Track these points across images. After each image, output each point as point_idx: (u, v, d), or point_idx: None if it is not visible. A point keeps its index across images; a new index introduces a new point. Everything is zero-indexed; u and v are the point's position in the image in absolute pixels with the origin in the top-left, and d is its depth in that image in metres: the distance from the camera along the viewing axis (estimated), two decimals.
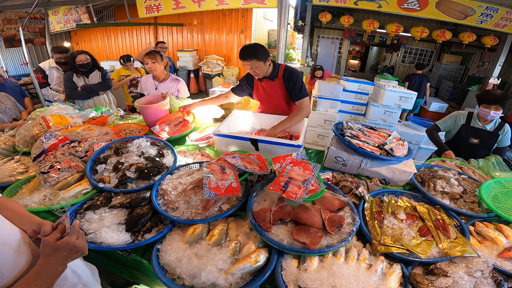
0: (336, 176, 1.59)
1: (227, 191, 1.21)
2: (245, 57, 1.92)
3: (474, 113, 2.32)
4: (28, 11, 5.25)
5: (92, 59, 3.16)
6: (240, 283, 0.96)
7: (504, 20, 4.91)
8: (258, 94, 2.26)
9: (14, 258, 0.76)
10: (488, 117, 2.18)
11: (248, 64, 1.95)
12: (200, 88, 8.64)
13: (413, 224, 1.20)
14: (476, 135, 2.28)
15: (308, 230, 1.09)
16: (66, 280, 0.92)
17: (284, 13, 2.93)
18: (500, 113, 2.14)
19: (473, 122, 2.30)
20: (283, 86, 2.11)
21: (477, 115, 2.29)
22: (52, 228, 0.79)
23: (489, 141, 2.27)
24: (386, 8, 5.40)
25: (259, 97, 2.29)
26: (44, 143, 1.69)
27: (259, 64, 1.95)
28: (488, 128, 2.25)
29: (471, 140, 2.29)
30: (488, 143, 2.27)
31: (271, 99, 2.23)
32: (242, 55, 1.93)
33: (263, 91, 2.20)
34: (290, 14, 7.77)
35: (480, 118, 2.27)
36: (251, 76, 2.18)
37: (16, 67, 8.88)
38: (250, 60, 1.92)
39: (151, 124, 2.28)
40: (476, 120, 2.29)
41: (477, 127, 2.29)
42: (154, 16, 5.83)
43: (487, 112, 2.15)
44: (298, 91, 2.05)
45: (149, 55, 2.63)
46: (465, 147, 2.33)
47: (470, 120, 2.32)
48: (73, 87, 3.10)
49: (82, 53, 3.07)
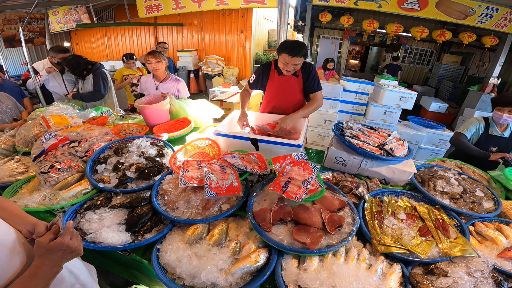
0: (336, 176, 1.59)
1: (228, 191, 1.21)
2: (296, 54, 1.85)
3: (490, 119, 2.26)
4: (28, 11, 5.25)
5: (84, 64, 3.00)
6: (240, 283, 0.96)
7: (504, 20, 4.91)
8: (272, 87, 2.20)
9: (8, 259, 0.76)
10: (501, 120, 2.14)
11: (295, 60, 1.87)
12: (200, 88, 8.64)
13: (413, 224, 1.20)
14: (495, 143, 2.23)
15: (308, 230, 1.09)
16: (63, 280, 0.91)
17: (284, 13, 2.93)
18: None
19: (491, 130, 2.25)
20: (301, 80, 2.13)
21: (493, 121, 2.23)
22: (46, 229, 0.79)
23: (507, 147, 2.23)
24: (386, 8, 5.39)
25: (273, 90, 2.22)
26: (44, 143, 1.69)
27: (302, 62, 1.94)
28: (505, 135, 2.21)
29: (490, 149, 2.22)
30: (506, 150, 2.22)
31: (288, 94, 2.19)
32: (293, 51, 1.84)
33: (280, 85, 2.16)
34: (290, 14, 7.78)
35: (498, 125, 2.22)
36: (267, 68, 2.17)
37: (16, 67, 8.88)
38: (300, 57, 1.87)
39: (151, 124, 2.28)
40: (494, 128, 2.23)
41: (495, 135, 2.23)
42: (154, 16, 5.84)
43: (500, 116, 2.12)
44: (315, 84, 2.11)
45: (153, 54, 2.63)
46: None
47: (488, 127, 2.26)
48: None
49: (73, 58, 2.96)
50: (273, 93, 2.23)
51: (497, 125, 2.23)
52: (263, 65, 2.22)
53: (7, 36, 5.87)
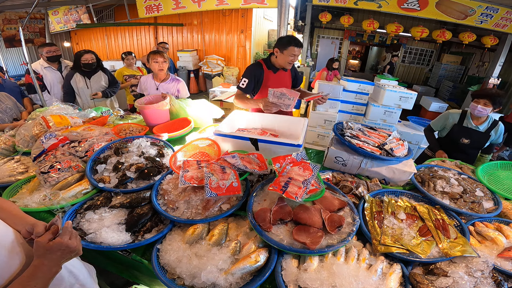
0: (336, 176, 1.59)
1: (228, 191, 1.21)
2: (301, 45, 2.11)
3: (468, 112, 2.31)
4: (28, 11, 5.24)
5: (97, 60, 3.13)
6: (240, 283, 0.96)
7: (504, 20, 4.91)
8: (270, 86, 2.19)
9: (7, 259, 0.76)
10: (475, 112, 2.18)
11: (300, 51, 2.10)
12: (200, 88, 8.64)
13: (413, 224, 1.20)
14: (467, 135, 2.28)
15: (308, 230, 1.09)
16: (62, 280, 0.91)
17: (284, 13, 2.94)
18: (489, 110, 2.12)
19: (466, 122, 2.29)
20: (290, 74, 2.39)
21: (470, 114, 2.29)
22: (45, 229, 0.79)
23: (480, 141, 2.27)
24: (386, 8, 5.40)
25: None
26: (44, 143, 1.69)
27: None
28: (480, 129, 2.25)
29: (462, 140, 2.29)
30: (478, 144, 2.28)
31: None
32: (299, 43, 2.09)
33: (278, 82, 2.27)
34: (290, 14, 7.78)
35: (474, 118, 2.26)
36: (259, 69, 2.22)
37: (16, 67, 8.89)
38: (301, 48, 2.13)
39: (151, 124, 2.28)
40: (469, 120, 2.28)
41: (469, 127, 2.28)
42: (154, 16, 5.84)
43: (474, 107, 2.16)
44: (300, 78, 2.50)
45: (160, 54, 2.67)
46: (456, 146, 2.33)
47: (463, 120, 2.31)
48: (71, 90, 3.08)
49: (88, 52, 3.04)
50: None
51: (474, 118, 2.27)
52: (252, 68, 2.22)
53: (7, 36, 5.87)
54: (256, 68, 2.21)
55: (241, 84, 2.22)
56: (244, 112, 2.23)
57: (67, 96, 3.08)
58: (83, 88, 3.11)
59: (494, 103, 2.10)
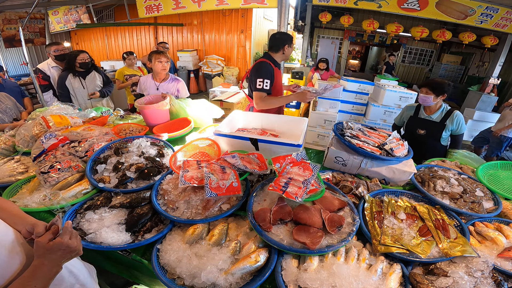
0: (336, 176, 1.59)
1: (228, 191, 1.21)
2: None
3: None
4: (28, 11, 5.25)
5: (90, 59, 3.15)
6: (240, 283, 0.96)
7: (504, 20, 4.91)
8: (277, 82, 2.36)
9: (8, 259, 0.76)
10: (420, 101, 2.27)
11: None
12: (200, 88, 8.64)
13: (413, 224, 1.20)
14: (422, 126, 2.33)
15: (308, 230, 1.08)
16: (62, 280, 0.92)
17: (284, 13, 2.94)
18: (431, 97, 2.19)
19: (420, 113, 2.37)
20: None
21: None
22: (45, 229, 0.79)
23: (435, 131, 2.28)
24: (386, 8, 5.40)
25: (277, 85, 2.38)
26: (44, 143, 1.69)
27: None
28: (433, 118, 2.29)
29: (418, 131, 2.35)
30: (434, 134, 2.29)
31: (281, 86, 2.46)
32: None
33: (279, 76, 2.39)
34: (290, 14, 7.77)
35: (426, 109, 2.34)
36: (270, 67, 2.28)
37: (16, 67, 8.89)
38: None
39: (151, 124, 2.28)
40: (422, 111, 2.36)
41: (423, 118, 2.34)
42: (154, 16, 5.85)
43: (419, 96, 2.26)
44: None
45: (164, 54, 2.72)
46: (414, 138, 2.35)
47: (418, 111, 2.39)
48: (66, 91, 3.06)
49: (83, 52, 3.06)
50: (278, 87, 2.38)
51: (426, 109, 2.35)
52: (268, 68, 2.26)
53: (7, 36, 5.87)
54: (270, 68, 2.28)
55: (265, 86, 2.22)
56: (244, 112, 2.23)
57: (62, 98, 3.07)
58: (79, 88, 3.08)
59: (433, 90, 2.17)
